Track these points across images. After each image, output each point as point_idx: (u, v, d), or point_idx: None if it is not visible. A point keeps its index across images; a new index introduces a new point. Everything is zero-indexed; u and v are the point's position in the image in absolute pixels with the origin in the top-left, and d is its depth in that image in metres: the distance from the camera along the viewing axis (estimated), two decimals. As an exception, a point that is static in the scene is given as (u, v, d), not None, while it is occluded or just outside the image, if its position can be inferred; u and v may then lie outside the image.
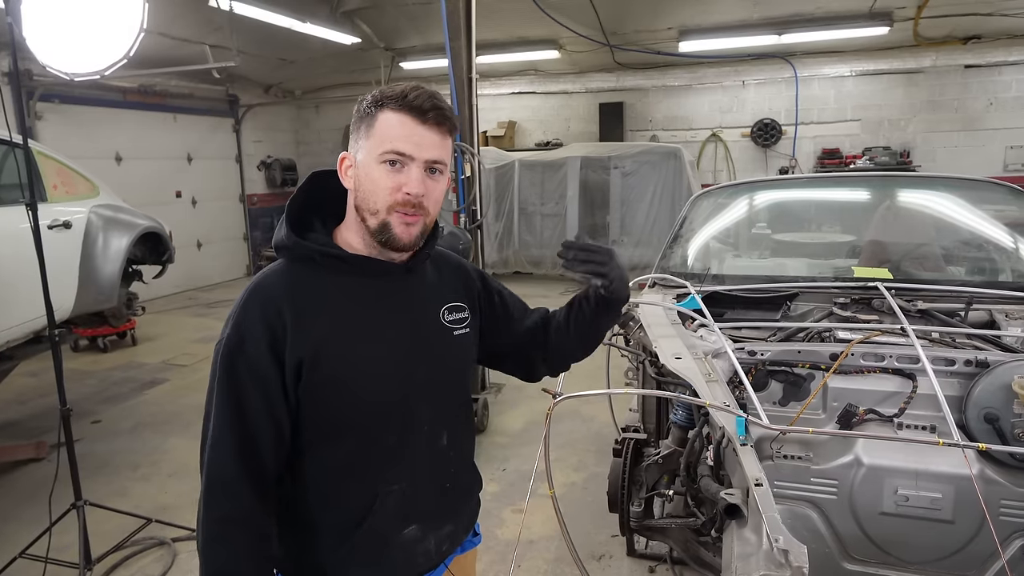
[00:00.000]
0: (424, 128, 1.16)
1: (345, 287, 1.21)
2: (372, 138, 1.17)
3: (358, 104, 1.20)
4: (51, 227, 4.33)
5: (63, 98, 7.78)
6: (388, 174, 1.15)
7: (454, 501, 1.35)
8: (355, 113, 1.21)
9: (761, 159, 10.02)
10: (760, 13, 8.40)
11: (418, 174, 1.16)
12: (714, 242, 3.50)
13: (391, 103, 1.16)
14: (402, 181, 1.15)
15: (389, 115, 1.16)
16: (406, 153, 1.15)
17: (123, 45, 2.93)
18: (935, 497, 1.89)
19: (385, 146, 1.15)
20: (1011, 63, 8.67)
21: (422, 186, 1.16)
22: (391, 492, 1.22)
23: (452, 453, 1.33)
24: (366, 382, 1.19)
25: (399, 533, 1.24)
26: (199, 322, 7.89)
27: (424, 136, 1.16)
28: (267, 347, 1.13)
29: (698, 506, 2.19)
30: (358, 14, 8.80)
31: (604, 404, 4.09)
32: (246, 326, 1.15)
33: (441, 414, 1.30)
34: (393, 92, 1.17)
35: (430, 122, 1.16)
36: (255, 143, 11.17)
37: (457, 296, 1.36)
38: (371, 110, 1.17)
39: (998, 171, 8.84)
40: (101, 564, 3.02)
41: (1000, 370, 1.92)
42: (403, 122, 1.15)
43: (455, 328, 1.33)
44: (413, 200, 1.16)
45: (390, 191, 1.15)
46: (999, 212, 3.17)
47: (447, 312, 1.33)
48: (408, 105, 1.15)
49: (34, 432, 4.57)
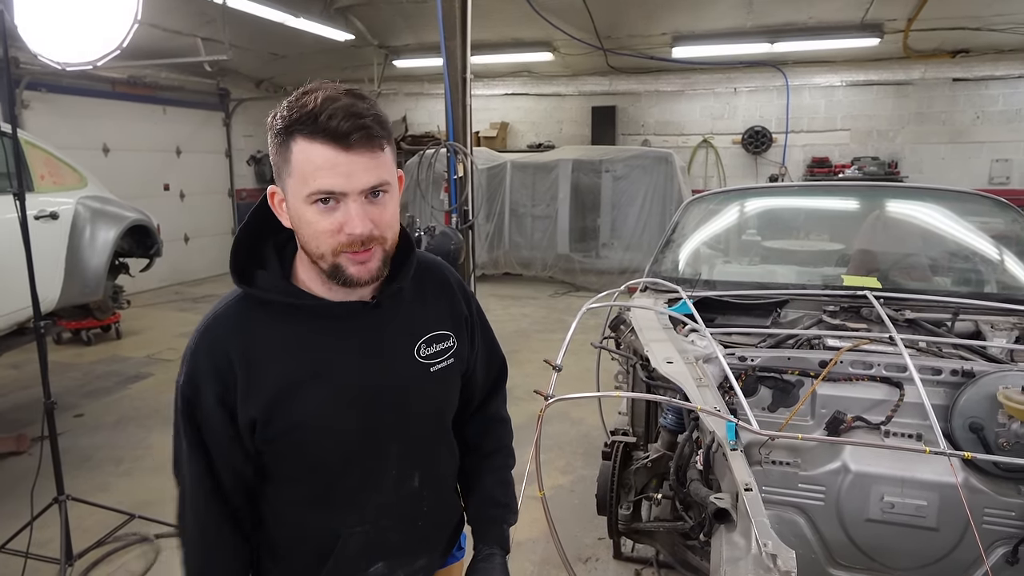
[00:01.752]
0: (350, 155, 0.96)
1: (301, 333, 1.09)
2: (293, 175, 0.99)
3: (269, 121, 1.02)
4: (38, 218, 4.28)
5: (50, 87, 7.69)
6: (322, 215, 0.99)
7: (426, 537, 1.28)
8: (268, 133, 1.03)
9: (751, 166, 10.09)
10: (753, 21, 8.47)
11: (357, 209, 0.99)
12: (705, 248, 3.52)
13: (302, 129, 0.96)
14: (340, 221, 0.99)
15: (304, 146, 0.97)
16: (336, 191, 0.97)
17: (116, 36, 2.90)
18: (920, 504, 1.92)
19: (310, 185, 0.97)
20: (998, 77, 8.80)
21: (365, 221, 0.99)
22: (354, 534, 1.17)
23: (425, 492, 1.24)
24: (322, 435, 1.11)
25: (365, 571, 1.19)
26: (185, 317, 7.81)
27: (353, 163, 0.97)
28: (217, 401, 1.07)
29: (686, 510, 2.20)
30: (352, 11, 8.77)
31: (593, 407, 4.10)
32: (198, 376, 1.08)
33: (413, 453, 1.21)
34: (301, 113, 0.97)
35: (356, 146, 0.96)
36: (245, 138, 11.10)
37: (440, 323, 1.22)
38: (284, 138, 0.99)
39: (984, 183, 8.97)
40: (83, 559, 2.98)
41: (985, 380, 1.94)
42: (324, 154, 0.96)
43: (433, 363, 1.19)
44: (359, 238, 1.00)
45: (329, 233, 1.00)
46: (985, 224, 3.21)
47: (424, 346, 1.18)
48: (323, 130, 0.95)
49: (15, 425, 4.51)
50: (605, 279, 8.44)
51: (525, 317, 7.68)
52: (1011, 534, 1.89)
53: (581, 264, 9.18)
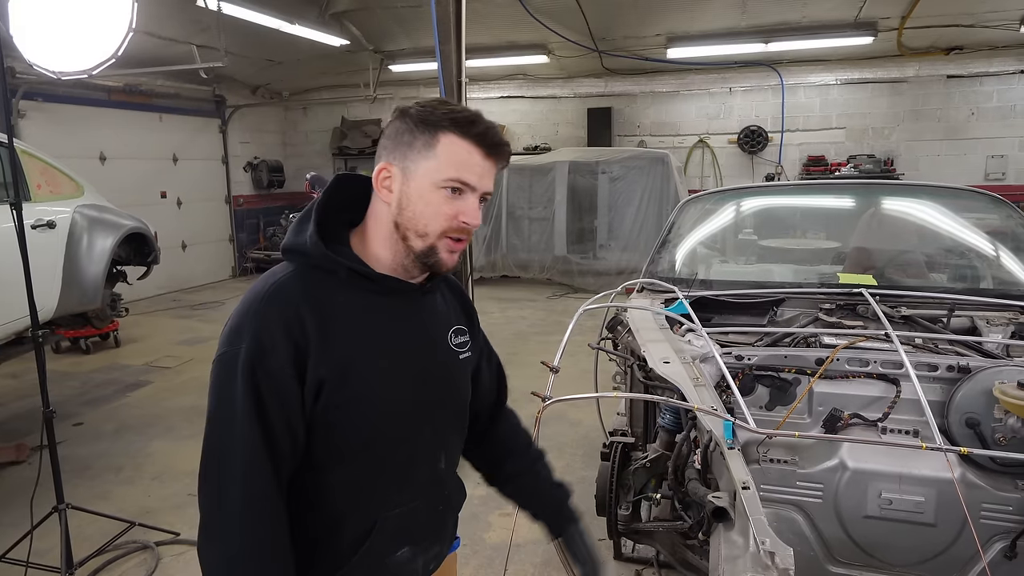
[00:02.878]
0: (489, 161, 1.14)
1: (364, 303, 1.16)
2: (432, 160, 1.11)
3: (402, 115, 1.14)
4: (35, 227, 4.28)
5: (46, 96, 7.69)
6: (447, 200, 1.12)
7: (444, 521, 1.34)
8: (401, 124, 1.14)
9: (747, 165, 10.11)
10: (747, 21, 8.49)
11: (475, 203, 1.14)
12: (702, 248, 3.53)
13: (458, 129, 1.11)
14: (460, 208, 1.13)
15: (456, 140, 1.11)
16: (470, 183, 1.12)
17: (111, 44, 2.91)
18: (918, 500, 1.92)
19: (450, 173, 1.11)
20: (992, 74, 8.83)
21: (479, 216, 1.16)
22: (390, 516, 1.20)
23: (447, 474, 1.32)
24: (385, 403, 1.16)
25: (393, 555, 1.22)
26: (183, 324, 7.81)
27: (488, 169, 1.14)
28: (290, 361, 1.06)
29: (685, 509, 2.20)
30: (347, 16, 8.79)
31: (591, 408, 4.10)
32: (266, 337, 1.05)
33: (442, 436, 1.29)
34: (457, 116, 1.12)
35: (494, 156, 1.15)
36: (242, 144, 11.10)
37: (460, 319, 1.35)
38: (433, 129, 1.11)
39: (979, 180, 8.99)
40: (83, 568, 2.98)
41: (981, 376, 1.95)
42: (471, 152, 1.12)
43: (460, 351, 1.31)
44: (469, 228, 1.15)
45: (447, 217, 1.13)
46: (980, 220, 3.23)
47: (453, 335, 1.31)
48: (478, 135, 1.12)
49: (14, 435, 4.50)
50: (603, 280, 8.45)
51: (523, 319, 7.68)
52: (1008, 529, 1.89)
53: (578, 266, 9.19)
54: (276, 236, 10.87)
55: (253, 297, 1.10)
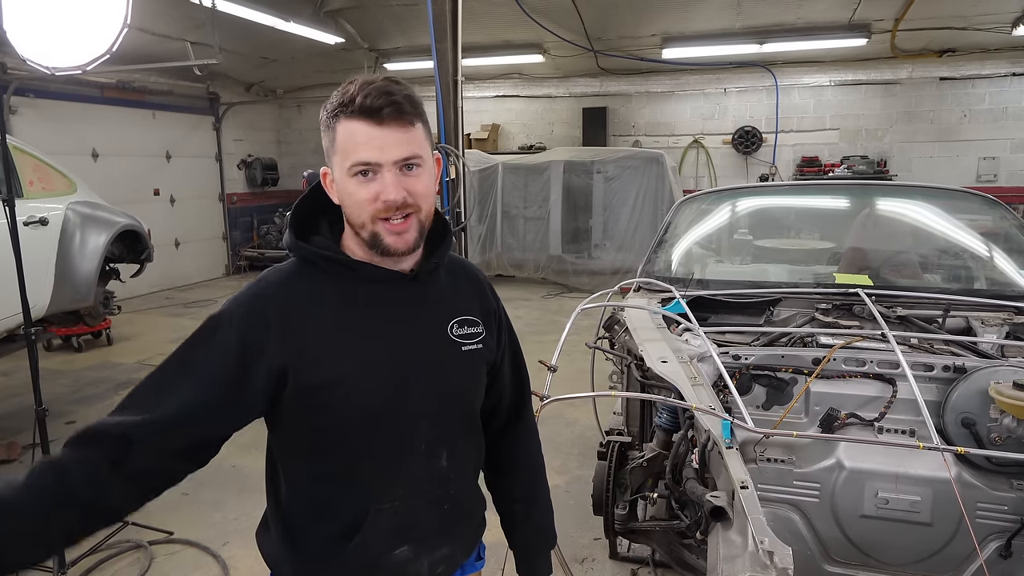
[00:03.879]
0: (383, 129, 1.09)
1: (346, 294, 1.17)
2: (337, 153, 1.12)
3: (321, 113, 1.15)
4: (27, 224, 4.24)
5: (38, 92, 7.63)
6: (361, 186, 1.11)
7: (452, 523, 1.29)
8: (321, 125, 1.16)
9: (742, 166, 10.14)
10: (742, 22, 8.51)
11: (392, 178, 1.10)
12: (698, 247, 3.53)
13: (345, 111, 1.10)
14: (377, 190, 1.10)
15: (346, 124, 1.10)
16: (371, 161, 1.09)
17: (105, 40, 2.89)
18: (914, 500, 1.93)
19: (350, 159, 1.10)
20: (984, 76, 8.88)
21: (399, 189, 1.11)
22: (382, 510, 1.18)
23: (452, 473, 1.26)
24: (353, 391, 1.14)
25: (390, 553, 1.20)
26: (176, 322, 7.77)
27: (386, 137, 1.10)
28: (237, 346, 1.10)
29: (682, 509, 2.20)
30: (342, 14, 8.76)
31: (587, 407, 4.10)
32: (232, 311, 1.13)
33: (443, 432, 1.24)
34: (344, 98, 1.11)
35: (388, 120, 1.09)
36: (236, 142, 11.05)
37: (470, 310, 1.29)
38: (330, 122, 1.13)
39: (971, 181, 9.04)
40: (76, 567, 2.96)
41: (977, 376, 1.96)
42: (360, 129, 1.09)
43: (464, 343, 1.25)
44: (394, 205, 1.11)
45: (368, 202, 1.11)
46: (974, 221, 3.24)
47: (456, 326, 1.25)
48: (360, 109, 1.09)
49: (6, 433, 4.47)
50: (598, 280, 8.46)
51: (518, 319, 7.68)
52: (1004, 528, 1.90)
53: (574, 265, 9.19)
54: (270, 234, 10.83)
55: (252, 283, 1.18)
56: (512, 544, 1.47)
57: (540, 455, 1.51)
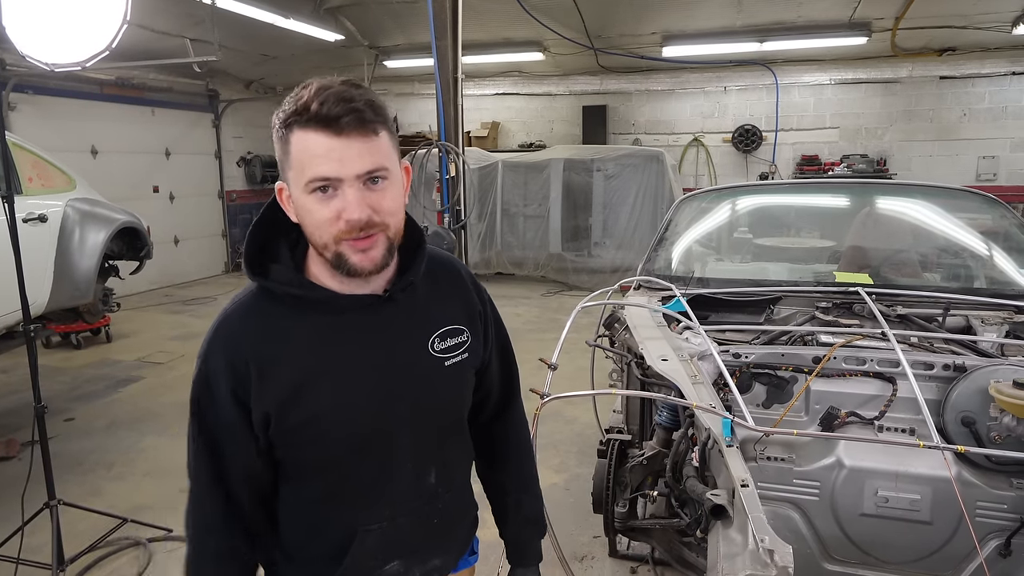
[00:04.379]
0: (342, 140, 0.97)
1: (316, 325, 1.09)
2: (292, 167, 1.01)
3: (272, 121, 1.03)
4: (26, 220, 4.23)
5: (37, 89, 7.62)
6: (321, 203, 0.99)
7: (442, 536, 1.27)
8: (273, 134, 1.04)
9: (741, 164, 10.14)
10: (743, 20, 8.51)
11: (354, 195, 0.99)
12: (698, 246, 3.53)
13: (298, 121, 0.98)
14: (339, 208, 0.99)
15: (300, 136, 0.98)
16: (331, 177, 0.98)
17: (105, 37, 2.88)
18: (914, 498, 1.93)
19: (307, 174, 0.98)
20: (984, 75, 8.89)
21: (363, 207, 0.99)
22: (371, 531, 1.16)
23: (440, 489, 1.23)
24: (335, 428, 1.11)
25: (380, 569, 1.19)
26: (175, 319, 7.77)
27: (346, 149, 0.97)
28: (232, 397, 1.07)
29: (682, 507, 2.20)
30: (342, 11, 8.75)
31: (586, 405, 4.10)
32: (212, 374, 1.08)
33: (428, 450, 1.21)
34: (297, 105, 0.98)
35: (348, 129, 0.97)
36: (235, 139, 11.03)
37: (454, 318, 1.22)
38: (283, 132, 1.01)
39: (971, 180, 9.05)
40: (75, 565, 2.95)
41: (977, 374, 1.96)
42: (317, 141, 0.97)
43: (447, 357, 1.19)
44: (358, 224, 1.00)
45: (329, 221, 1.00)
46: (974, 220, 3.24)
47: (438, 340, 1.18)
48: (315, 118, 0.96)
49: (5, 430, 4.47)
50: (597, 278, 8.45)
51: (518, 317, 7.67)
52: (1004, 527, 1.90)
53: (573, 263, 9.19)
54: (269, 232, 10.81)
55: (212, 324, 1.11)
56: (503, 533, 1.45)
57: (529, 444, 1.48)
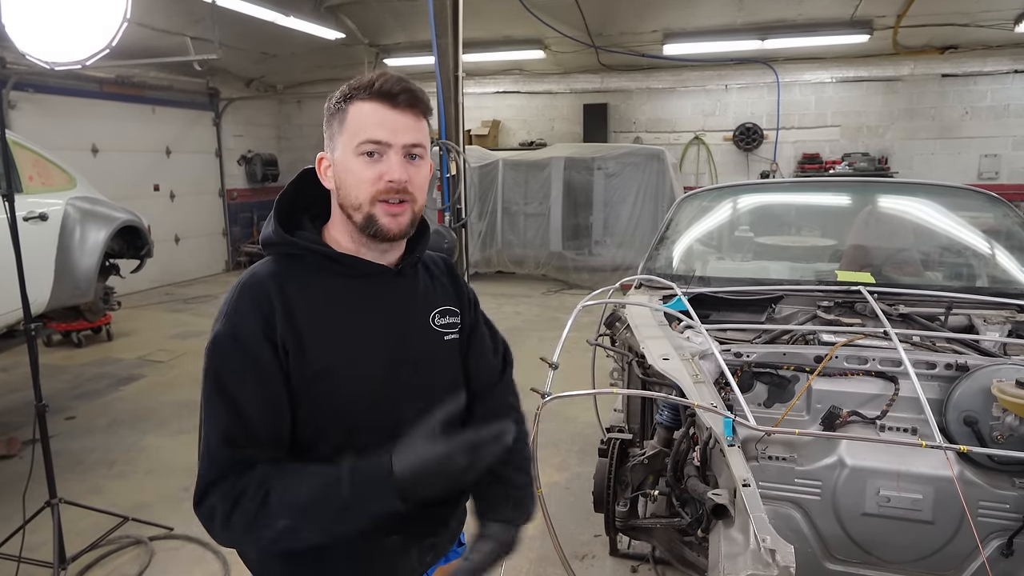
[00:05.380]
0: (397, 113, 1.13)
1: (332, 287, 1.19)
2: (346, 132, 1.15)
3: (328, 102, 1.19)
4: (27, 219, 4.23)
5: (37, 87, 7.62)
6: (367, 165, 1.13)
7: (439, 512, 1.31)
8: (326, 112, 1.19)
9: (743, 163, 10.12)
10: (744, 18, 8.49)
11: (398, 160, 1.13)
12: (699, 244, 3.52)
13: (360, 94, 1.14)
14: (382, 170, 1.13)
15: (360, 106, 1.14)
16: (382, 140, 1.13)
17: (105, 35, 2.87)
18: (916, 498, 1.93)
19: (360, 137, 1.13)
20: (986, 73, 8.85)
21: (404, 171, 1.14)
22: None
23: None
24: (343, 382, 1.16)
25: (380, 543, 1.21)
26: (176, 318, 7.77)
27: (398, 121, 1.14)
28: (260, 331, 1.12)
29: (683, 506, 2.20)
30: (342, 9, 8.74)
31: (586, 404, 4.09)
32: (239, 316, 1.13)
33: None
34: (360, 83, 1.15)
35: (402, 105, 1.14)
36: (236, 137, 11.03)
37: (449, 300, 1.33)
38: (341, 105, 1.16)
39: (973, 179, 9.03)
40: (76, 563, 2.96)
41: (979, 374, 1.95)
42: (374, 110, 1.13)
43: (446, 332, 1.30)
44: (396, 187, 1.13)
45: (371, 181, 1.13)
46: (976, 219, 3.23)
47: (438, 316, 1.29)
48: (377, 92, 1.13)
49: (6, 428, 4.47)
50: (598, 276, 8.45)
51: (518, 315, 7.67)
52: (1006, 526, 1.90)
53: (574, 262, 9.18)
54: (270, 230, 10.82)
55: (231, 289, 1.18)
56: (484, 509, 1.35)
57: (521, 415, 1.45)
